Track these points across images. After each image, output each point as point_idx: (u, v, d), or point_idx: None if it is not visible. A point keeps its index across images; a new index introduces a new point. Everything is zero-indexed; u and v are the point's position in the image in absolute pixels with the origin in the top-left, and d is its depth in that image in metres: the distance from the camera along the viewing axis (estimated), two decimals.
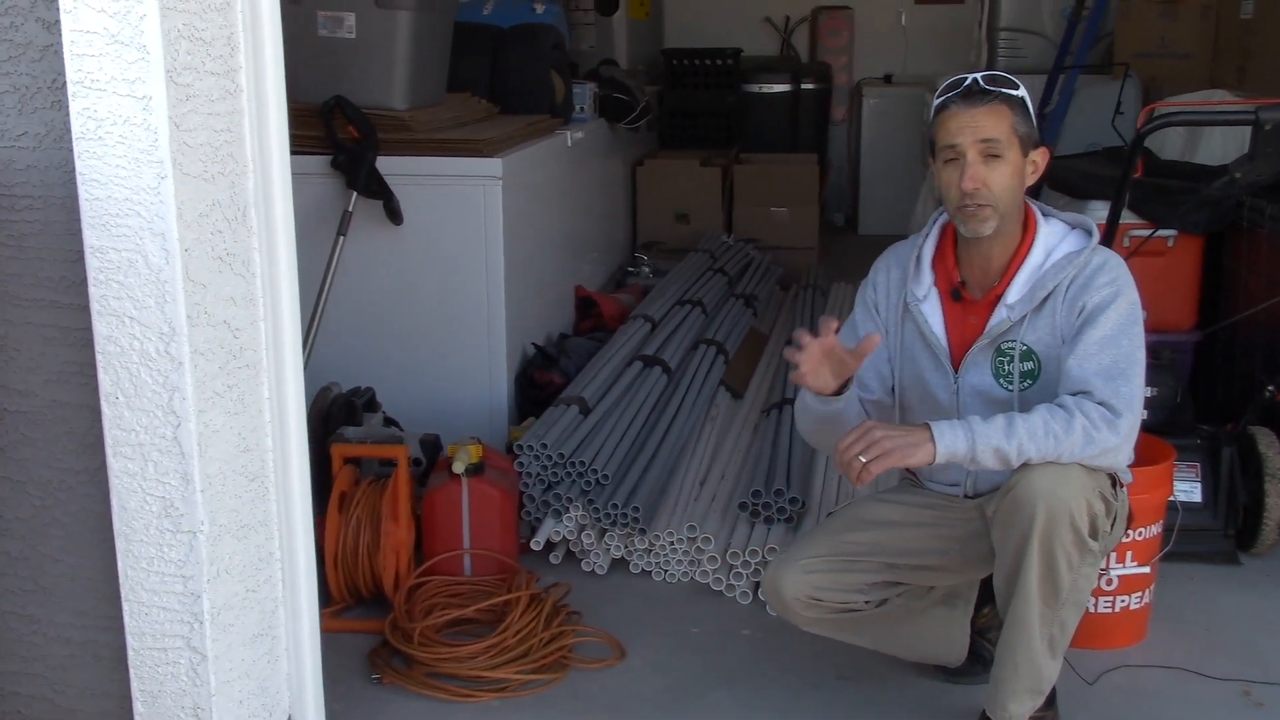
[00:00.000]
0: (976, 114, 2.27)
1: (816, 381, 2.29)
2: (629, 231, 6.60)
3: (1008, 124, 2.28)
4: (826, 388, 2.31)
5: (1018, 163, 2.30)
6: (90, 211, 1.76)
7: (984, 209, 2.29)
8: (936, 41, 8.27)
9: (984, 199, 2.28)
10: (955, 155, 2.30)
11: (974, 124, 2.27)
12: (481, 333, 3.85)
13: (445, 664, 2.76)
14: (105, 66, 1.71)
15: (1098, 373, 2.20)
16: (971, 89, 2.29)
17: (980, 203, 2.28)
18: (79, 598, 2.03)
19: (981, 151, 2.27)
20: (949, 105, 2.30)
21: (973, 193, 2.27)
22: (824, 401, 2.34)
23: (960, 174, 2.28)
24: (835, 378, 2.30)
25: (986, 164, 2.27)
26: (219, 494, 1.92)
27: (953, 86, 2.32)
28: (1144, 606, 2.90)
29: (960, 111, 2.28)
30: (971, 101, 2.28)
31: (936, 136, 2.33)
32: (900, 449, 2.17)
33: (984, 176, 2.27)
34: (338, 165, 3.68)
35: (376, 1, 3.77)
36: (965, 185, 2.27)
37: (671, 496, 3.44)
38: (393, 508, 3.02)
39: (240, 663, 2.03)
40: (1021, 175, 2.32)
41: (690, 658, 2.89)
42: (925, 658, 2.70)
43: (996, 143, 2.27)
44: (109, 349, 1.82)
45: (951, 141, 2.29)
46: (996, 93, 2.28)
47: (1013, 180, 2.30)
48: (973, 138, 2.27)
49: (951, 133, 2.29)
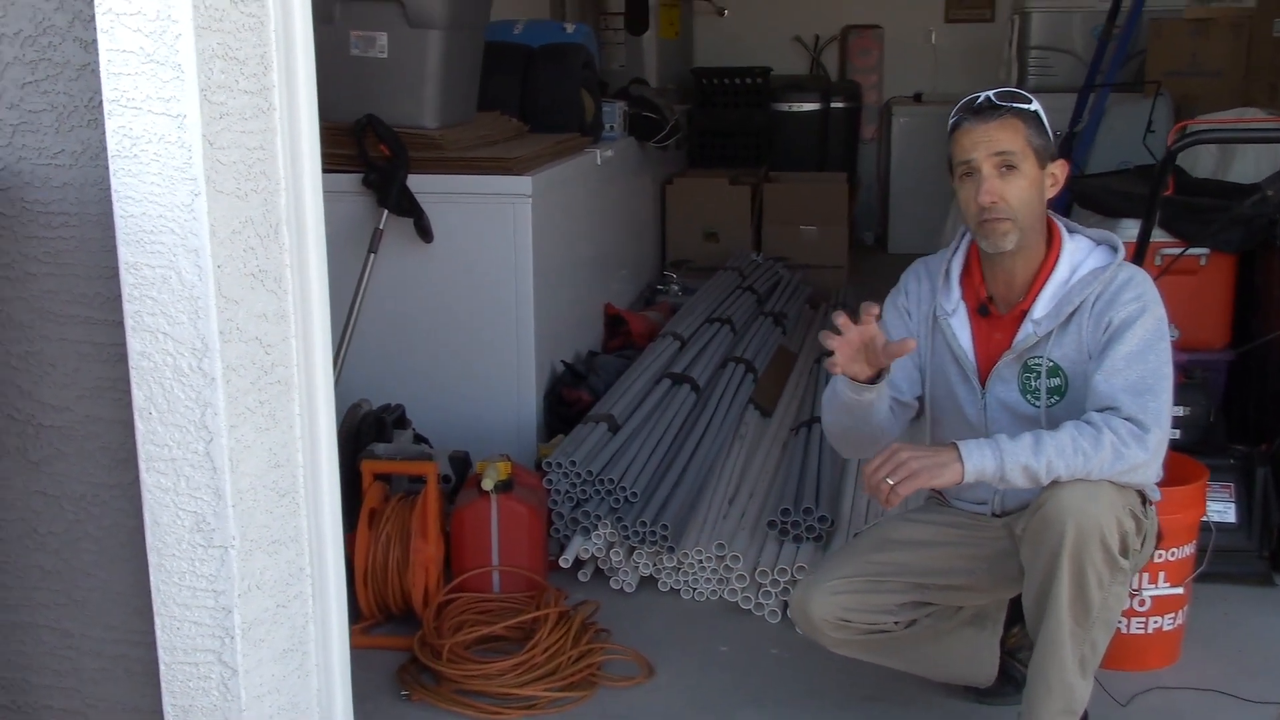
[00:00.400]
0: (989, 128, 2.28)
1: (849, 368, 2.27)
2: (658, 250, 6.60)
3: (1021, 137, 2.28)
4: (861, 374, 2.28)
5: (1034, 175, 2.30)
6: (125, 228, 1.77)
7: (1003, 222, 2.29)
8: (966, 60, 8.25)
9: (1001, 211, 2.28)
10: (970, 170, 2.30)
11: (987, 138, 2.28)
12: (511, 350, 3.87)
13: (474, 681, 2.76)
14: (141, 85, 1.73)
15: (1125, 388, 2.19)
16: (984, 105, 2.30)
17: (998, 216, 2.28)
18: (111, 612, 2.04)
19: (996, 165, 2.27)
20: (962, 122, 2.32)
21: (990, 206, 2.27)
22: (856, 389, 2.29)
23: (977, 188, 2.28)
24: (871, 366, 2.28)
25: (1002, 177, 2.28)
26: (250, 509, 1.93)
27: (965, 105, 2.33)
28: (1177, 628, 2.87)
29: (973, 127, 2.29)
30: (983, 117, 2.29)
31: (952, 153, 2.34)
32: (928, 470, 2.16)
33: (1000, 190, 2.27)
34: (369, 183, 3.71)
35: (408, 21, 3.80)
36: (981, 199, 2.28)
37: (700, 514, 3.43)
38: (422, 524, 3.03)
39: (271, 678, 2.04)
40: (1039, 188, 2.32)
41: (718, 676, 2.88)
42: (955, 678, 2.69)
43: (1011, 154, 2.27)
44: (143, 364, 1.83)
45: (966, 157, 2.30)
46: (1008, 107, 2.29)
47: (1030, 193, 2.30)
48: (986, 151, 2.28)
49: (965, 149, 2.30)
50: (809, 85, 8.05)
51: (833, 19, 8.52)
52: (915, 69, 8.43)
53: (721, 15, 8.55)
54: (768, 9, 8.50)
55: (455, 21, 3.89)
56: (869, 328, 2.22)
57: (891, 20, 8.44)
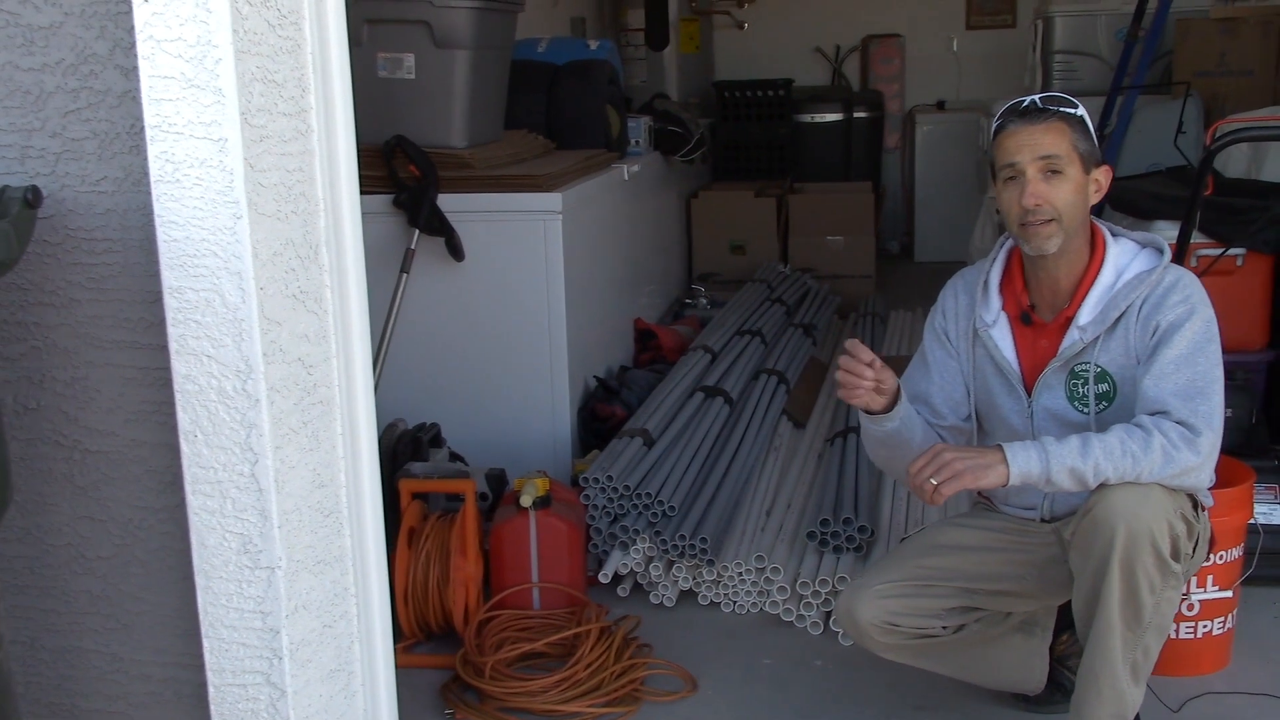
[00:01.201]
0: (1035, 131, 2.26)
1: (862, 399, 2.29)
2: (685, 263, 6.61)
3: (1067, 140, 2.27)
4: (874, 403, 2.30)
5: (1079, 179, 2.29)
6: (168, 252, 1.78)
7: (1048, 224, 2.27)
8: (989, 66, 8.24)
9: (1045, 214, 2.26)
10: (1015, 174, 2.29)
11: (1032, 141, 2.26)
12: (544, 366, 3.87)
13: (517, 698, 2.75)
14: (182, 110, 1.74)
15: (1175, 392, 2.17)
16: (1030, 108, 2.29)
17: (1043, 218, 2.26)
18: (159, 635, 2.05)
19: (1041, 168, 2.26)
20: (1007, 125, 2.30)
21: (1034, 209, 2.26)
22: (876, 421, 2.32)
23: (1021, 191, 2.27)
24: (880, 391, 2.29)
25: (1047, 180, 2.26)
26: (296, 530, 1.94)
27: (1011, 109, 2.32)
28: (1226, 632, 2.84)
29: (1018, 130, 2.28)
30: (1030, 119, 2.27)
31: (996, 157, 2.33)
32: (971, 470, 2.14)
33: (1045, 193, 2.26)
34: (400, 204, 3.72)
35: (435, 42, 3.82)
36: (1026, 201, 2.26)
37: (738, 527, 3.42)
38: (461, 542, 3.03)
39: (318, 698, 2.04)
40: (1084, 192, 2.30)
41: (762, 689, 2.86)
42: (1004, 686, 2.66)
43: (1056, 159, 2.26)
44: (187, 388, 1.84)
45: (1011, 160, 2.28)
46: (1055, 111, 2.28)
47: (1076, 196, 2.28)
48: (1031, 155, 2.26)
49: (1010, 151, 2.28)
50: (831, 96, 8.05)
51: (853, 29, 8.52)
52: (937, 77, 8.42)
53: (742, 29, 8.56)
54: (787, 21, 8.51)
55: (481, 42, 3.91)
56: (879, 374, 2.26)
57: (912, 29, 8.44)
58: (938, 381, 2.48)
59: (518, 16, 4.31)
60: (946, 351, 2.49)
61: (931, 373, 2.49)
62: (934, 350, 2.50)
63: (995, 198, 2.41)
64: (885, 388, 2.29)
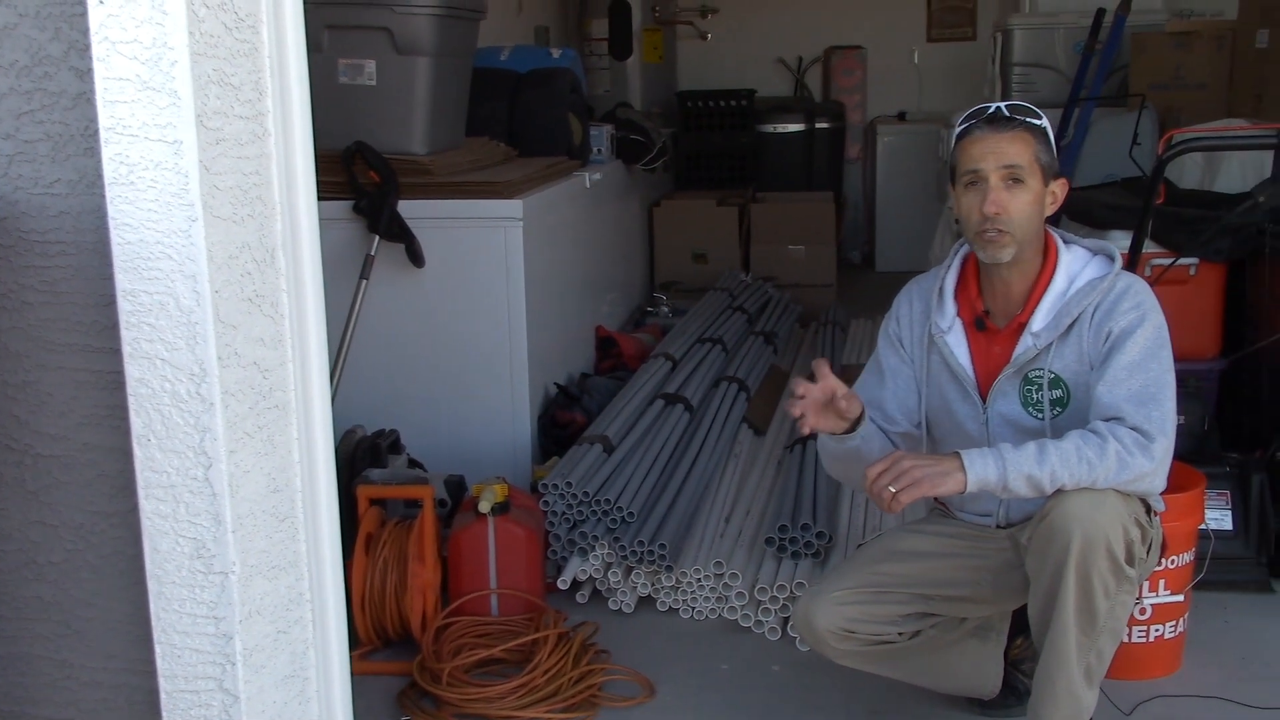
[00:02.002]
0: (1001, 139, 2.28)
1: (824, 424, 2.30)
2: (647, 272, 6.62)
3: (1031, 151, 2.29)
4: (837, 428, 2.32)
5: (1038, 191, 2.31)
6: (122, 255, 1.77)
7: (1003, 235, 2.29)
8: (949, 78, 8.31)
9: (1003, 224, 2.28)
10: (977, 179, 2.30)
11: (998, 149, 2.28)
12: (504, 373, 3.87)
13: (474, 704, 2.74)
14: (137, 112, 1.73)
15: (1128, 398, 2.19)
16: (996, 116, 2.31)
17: (1000, 228, 2.28)
18: (111, 641, 2.03)
19: (1004, 176, 2.28)
20: (973, 130, 2.31)
21: (994, 217, 2.27)
22: (839, 440, 2.35)
23: (982, 198, 2.29)
24: (842, 417, 2.30)
25: (1009, 190, 2.28)
26: (250, 535, 1.92)
27: (977, 113, 2.33)
28: (1178, 636, 2.87)
29: (984, 136, 2.29)
30: (997, 127, 2.29)
31: (959, 161, 2.34)
32: (929, 478, 2.16)
33: (1004, 202, 2.28)
34: (359, 210, 3.71)
35: (396, 49, 3.81)
36: (987, 209, 2.27)
37: (697, 533, 3.43)
38: (419, 549, 3.02)
39: (272, 704, 2.02)
40: (1041, 204, 2.33)
41: (720, 695, 2.87)
42: (959, 690, 2.68)
43: (1019, 168, 2.28)
44: (141, 391, 1.82)
45: (975, 166, 2.30)
46: (1021, 121, 2.30)
47: (1033, 208, 2.31)
48: (996, 163, 2.28)
49: (974, 157, 2.30)
50: (793, 106, 8.10)
51: (815, 40, 8.58)
52: (898, 88, 8.49)
53: (705, 39, 8.60)
54: (750, 32, 8.56)
55: (443, 49, 3.90)
56: (827, 384, 2.26)
57: (874, 41, 8.50)
58: (891, 387, 2.50)
59: (480, 24, 4.32)
60: (900, 358, 2.51)
61: (885, 379, 2.51)
62: (888, 357, 2.52)
63: (954, 205, 2.43)
64: (851, 414, 2.30)
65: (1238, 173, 4.35)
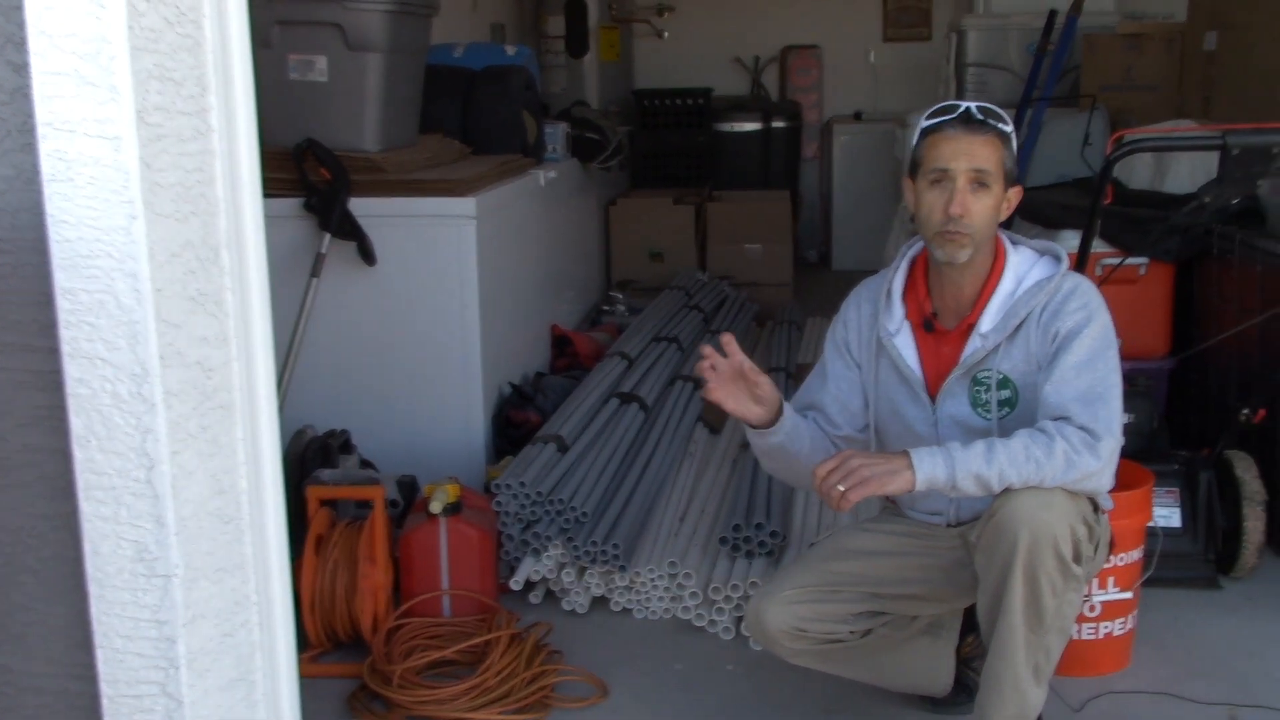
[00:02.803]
0: (974, 141, 2.27)
1: (737, 406, 2.32)
2: (603, 270, 6.61)
3: (999, 156, 2.29)
4: (750, 414, 2.33)
5: (999, 196, 2.31)
6: (60, 253, 1.74)
7: (963, 236, 2.29)
8: (905, 78, 8.35)
9: (965, 227, 2.28)
10: (944, 179, 2.29)
11: (969, 151, 2.27)
12: (457, 372, 3.84)
13: (426, 706, 2.72)
14: (75, 108, 1.70)
15: (1075, 398, 2.20)
16: (969, 117, 2.29)
17: (961, 230, 2.28)
18: (51, 646, 1.99)
19: (971, 179, 2.27)
20: (944, 129, 2.29)
21: (957, 218, 2.27)
22: (760, 435, 2.36)
23: (948, 198, 2.28)
24: (757, 403, 2.31)
25: (973, 193, 2.28)
26: (193, 537, 1.89)
27: (947, 110, 2.31)
28: (1127, 632, 2.90)
29: (956, 136, 2.28)
30: (970, 129, 2.28)
31: (925, 157, 2.31)
32: (878, 477, 2.16)
33: (969, 204, 2.27)
34: (310, 207, 3.67)
35: (348, 44, 3.78)
36: (953, 210, 2.26)
37: (651, 533, 3.42)
38: (370, 550, 2.99)
39: (217, 709, 1.99)
40: (999, 209, 2.33)
41: (674, 695, 2.86)
42: (911, 688, 2.69)
43: (987, 173, 2.27)
44: (80, 391, 1.79)
45: (944, 165, 2.28)
46: (993, 126, 2.29)
47: (992, 213, 2.31)
48: (966, 164, 2.27)
49: (944, 156, 2.28)
50: (750, 105, 8.12)
51: (772, 40, 8.60)
52: (854, 88, 8.52)
53: (661, 37, 8.60)
54: (707, 31, 8.56)
55: (395, 44, 3.87)
56: (735, 359, 2.29)
57: (830, 40, 8.53)
58: (833, 392, 2.51)
59: (434, 21, 4.29)
60: (845, 363, 2.51)
61: (828, 383, 2.52)
62: (833, 362, 2.53)
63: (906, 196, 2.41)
64: (762, 394, 2.31)
65: (1186, 174, 4.40)
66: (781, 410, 2.35)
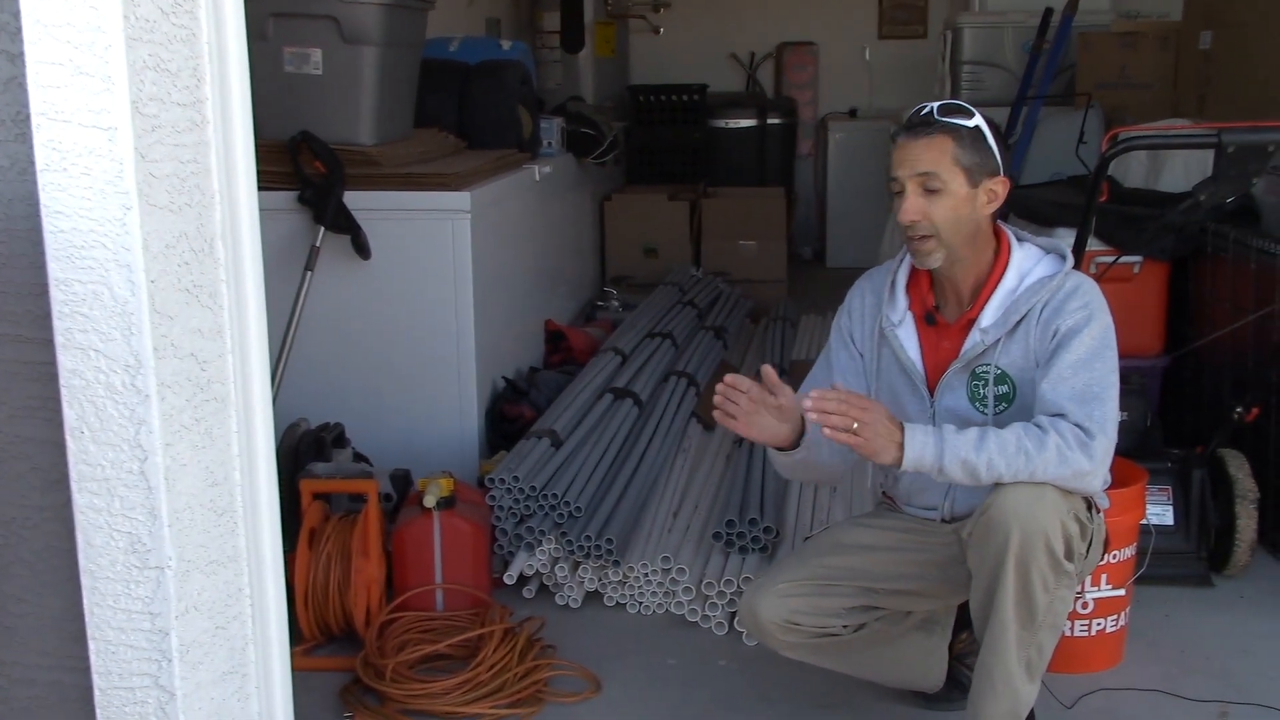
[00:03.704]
0: (915, 146, 2.28)
1: (762, 435, 2.32)
2: (597, 266, 6.60)
3: (948, 156, 2.27)
4: (779, 438, 2.33)
5: (962, 194, 2.28)
6: (55, 244, 1.73)
7: (926, 240, 2.29)
8: (900, 76, 8.35)
9: (923, 230, 2.29)
10: (898, 188, 2.31)
11: (911, 157, 2.28)
12: (451, 367, 3.83)
13: (418, 700, 2.72)
14: (70, 98, 1.69)
15: (1071, 396, 2.20)
16: (914, 121, 2.30)
17: (921, 234, 2.29)
18: (44, 638, 1.99)
19: (919, 184, 2.28)
20: (897, 137, 2.33)
21: (910, 225, 2.28)
22: (785, 454, 2.37)
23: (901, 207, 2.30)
24: (782, 420, 2.31)
25: (926, 197, 2.28)
26: (187, 529, 1.89)
27: (909, 116, 2.33)
28: (1120, 629, 2.90)
29: (903, 144, 2.30)
30: (914, 134, 2.29)
31: (889, 167, 2.35)
32: (872, 443, 2.16)
33: (923, 208, 2.28)
34: (305, 200, 3.66)
35: (343, 37, 3.77)
36: (901, 218, 2.30)
37: (645, 528, 3.42)
38: (363, 543, 2.99)
39: (210, 701, 1.99)
40: (970, 205, 2.30)
41: (667, 690, 2.86)
42: (903, 684, 2.69)
43: (933, 176, 2.27)
44: (74, 383, 1.79)
45: (893, 174, 2.32)
46: (940, 123, 2.27)
47: (958, 211, 2.29)
48: (910, 170, 2.28)
49: (894, 164, 2.32)
50: (745, 102, 8.11)
51: (768, 36, 8.59)
52: (850, 85, 8.52)
53: (657, 33, 8.59)
54: (703, 27, 8.56)
55: (390, 38, 3.86)
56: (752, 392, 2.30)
57: (826, 37, 8.53)
58: (839, 382, 2.50)
59: (430, 15, 4.28)
60: (850, 353, 2.52)
61: (834, 373, 2.52)
62: (839, 351, 2.53)
63: None
64: (784, 405, 2.30)
65: (1181, 172, 4.40)
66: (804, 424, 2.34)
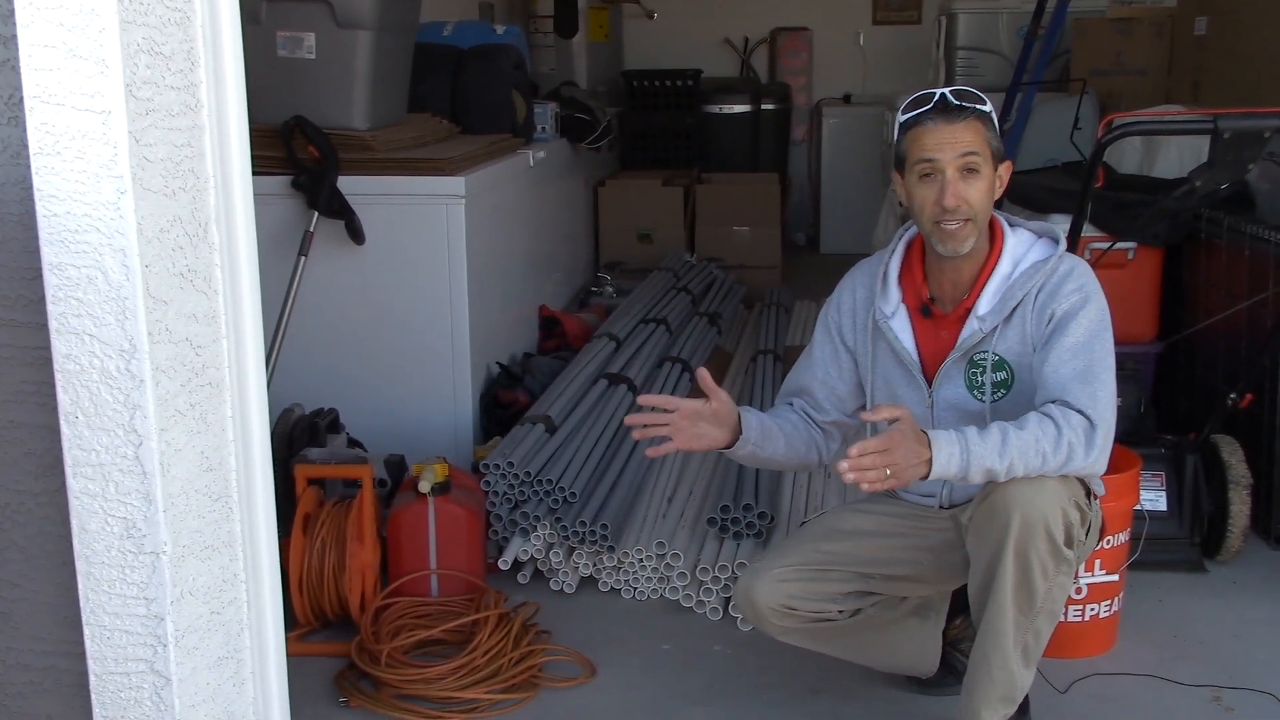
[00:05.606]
0: (955, 129, 2.26)
1: (700, 444, 2.40)
2: (592, 252, 6.60)
3: (982, 138, 2.28)
4: (719, 441, 2.39)
5: (991, 177, 2.31)
6: (48, 228, 1.72)
7: (966, 224, 2.28)
8: (894, 61, 8.34)
9: (965, 213, 2.27)
10: (933, 171, 2.28)
11: (953, 139, 2.26)
12: (446, 352, 3.83)
13: (413, 686, 2.72)
14: (63, 80, 1.68)
15: (1072, 378, 2.20)
16: (948, 105, 2.27)
17: (963, 217, 2.27)
18: (39, 623, 1.98)
19: (960, 166, 2.26)
20: (924, 120, 2.28)
21: (954, 209, 2.26)
22: (730, 454, 2.40)
23: (940, 190, 2.26)
24: (719, 425, 2.37)
25: (964, 179, 2.27)
26: (182, 514, 1.89)
27: (923, 101, 2.30)
28: (1113, 615, 2.91)
29: (938, 127, 2.27)
30: (950, 117, 2.26)
31: (909, 151, 2.31)
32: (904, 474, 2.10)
33: (964, 192, 2.26)
34: (299, 185, 3.65)
35: (336, 21, 3.76)
36: (947, 201, 2.25)
37: (639, 513, 3.42)
38: (358, 529, 2.99)
39: (205, 686, 1.99)
40: (994, 190, 2.32)
41: (661, 675, 2.87)
42: (898, 669, 2.70)
43: (975, 156, 2.26)
44: (68, 367, 1.78)
45: (929, 156, 2.27)
46: (971, 109, 2.28)
47: (988, 195, 2.31)
48: (953, 153, 2.26)
49: (929, 148, 2.27)
50: (739, 87, 8.09)
51: (762, 21, 8.57)
52: (844, 70, 8.50)
53: (651, 18, 8.57)
54: (697, 12, 8.54)
55: (384, 22, 3.85)
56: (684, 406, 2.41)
57: (820, 22, 8.51)
58: (820, 377, 2.51)
59: None
60: (834, 348, 2.51)
61: (815, 367, 2.52)
62: (821, 346, 2.53)
63: (897, 190, 2.42)
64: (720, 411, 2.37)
65: (1175, 158, 4.40)
66: (741, 421, 2.38)
